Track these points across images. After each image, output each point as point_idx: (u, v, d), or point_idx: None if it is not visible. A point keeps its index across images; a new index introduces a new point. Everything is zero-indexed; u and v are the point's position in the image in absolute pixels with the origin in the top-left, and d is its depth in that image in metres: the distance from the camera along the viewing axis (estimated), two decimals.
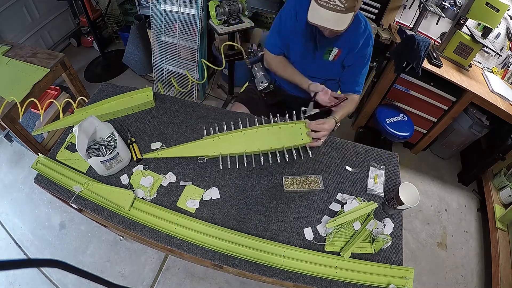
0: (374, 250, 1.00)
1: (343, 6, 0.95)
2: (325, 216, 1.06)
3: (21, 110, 1.41)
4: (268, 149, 1.16)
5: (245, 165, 1.14)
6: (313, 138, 1.17)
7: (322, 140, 1.18)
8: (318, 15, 0.99)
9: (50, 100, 1.38)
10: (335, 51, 1.23)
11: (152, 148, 1.16)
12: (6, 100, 1.49)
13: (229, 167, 1.14)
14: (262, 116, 1.30)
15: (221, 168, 1.13)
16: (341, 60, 1.27)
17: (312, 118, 1.21)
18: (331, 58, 1.25)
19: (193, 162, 1.15)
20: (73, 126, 1.05)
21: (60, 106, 1.31)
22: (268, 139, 1.17)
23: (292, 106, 1.28)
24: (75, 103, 1.30)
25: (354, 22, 1.12)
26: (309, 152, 1.18)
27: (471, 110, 2.08)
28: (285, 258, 0.94)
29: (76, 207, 1.13)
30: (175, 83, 1.82)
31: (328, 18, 0.99)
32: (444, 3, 1.96)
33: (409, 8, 2.11)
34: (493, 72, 2.15)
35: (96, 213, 1.00)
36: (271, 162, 1.15)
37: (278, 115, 1.23)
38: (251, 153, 1.16)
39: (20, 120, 1.54)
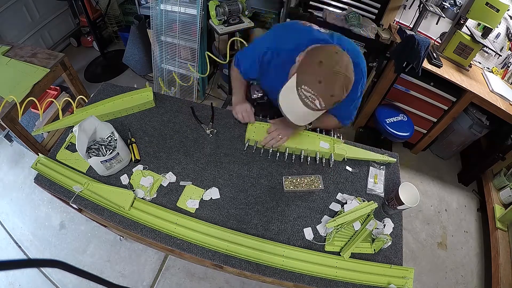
0: (374, 250, 1.00)
1: (320, 108, 0.87)
2: (325, 216, 1.06)
3: (21, 110, 1.41)
4: (294, 148, 1.17)
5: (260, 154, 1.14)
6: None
7: (280, 137, 1.15)
8: (289, 102, 0.91)
9: (50, 100, 1.38)
10: None
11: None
12: (6, 100, 1.49)
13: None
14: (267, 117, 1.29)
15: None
16: None
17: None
18: None
19: (193, 162, 1.15)
20: (73, 126, 1.06)
21: (60, 106, 1.31)
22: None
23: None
24: (74, 103, 1.30)
25: None
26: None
27: (471, 110, 2.08)
28: (285, 258, 0.94)
29: (76, 207, 1.13)
30: (176, 77, 1.81)
31: (300, 113, 0.91)
32: (444, 3, 1.96)
33: (409, 8, 2.11)
34: (493, 72, 2.15)
35: (96, 213, 1.00)
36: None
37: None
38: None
39: (20, 120, 1.54)
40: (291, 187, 1.10)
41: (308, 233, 1.02)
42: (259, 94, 1.29)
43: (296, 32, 1.05)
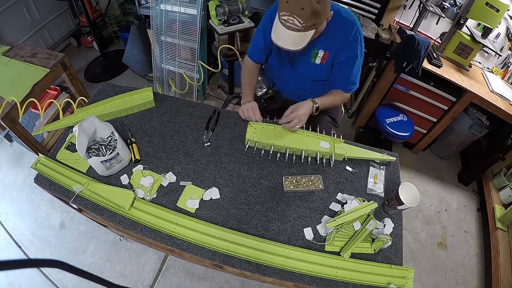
0: (374, 250, 1.00)
1: (301, 26, 0.95)
2: (325, 216, 1.06)
3: (21, 110, 1.41)
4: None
5: (269, 157, 1.14)
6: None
7: (298, 126, 1.17)
8: (279, 34, 1.01)
9: (50, 100, 1.38)
10: (321, 53, 1.19)
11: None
12: (6, 100, 1.48)
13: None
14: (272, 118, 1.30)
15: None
16: (330, 62, 1.22)
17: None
18: (318, 61, 1.22)
19: (193, 162, 1.15)
20: (73, 126, 1.06)
21: (60, 106, 1.31)
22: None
23: None
24: (75, 103, 1.30)
25: (339, 22, 1.10)
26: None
27: (471, 110, 2.07)
28: (285, 258, 0.94)
29: (76, 207, 1.13)
30: (173, 85, 1.81)
31: (287, 38, 1.00)
32: (444, 3, 1.96)
33: (409, 8, 2.11)
34: (493, 72, 2.15)
35: (96, 213, 1.00)
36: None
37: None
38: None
39: (20, 120, 1.54)
40: (291, 187, 1.10)
41: (308, 233, 1.02)
42: (263, 90, 1.31)
43: None
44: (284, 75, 1.35)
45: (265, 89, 1.33)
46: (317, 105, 1.22)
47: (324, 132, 1.24)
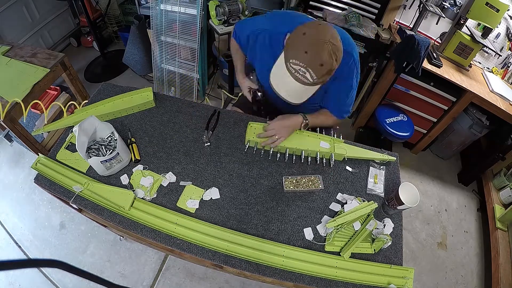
0: (374, 250, 1.00)
1: (311, 81, 0.86)
2: (325, 216, 1.06)
3: (26, 111, 1.41)
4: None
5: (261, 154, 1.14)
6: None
7: (277, 143, 1.13)
8: (281, 79, 0.91)
9: (54, 102, 1.39)
10: None
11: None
12: (10, 103, 1.48)
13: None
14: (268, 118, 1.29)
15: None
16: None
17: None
18: None
19: (193, 162, 1.15)
20: (73, 126, 1.06)
21: (65, 107, 1.32)
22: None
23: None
24: (80, 106, 1.30)
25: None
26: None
27: (471, 110, 2.08)
28: (285, 258, 0.94)
29: (76, 207, 1.13)
30: (174, 89, 1.81)
31: (291, 89, 0.90)
32: (444, 3, 1.96)
33: (409, 8, 2.11)
34: (493, 72, 2.15)
35: (96, 213, 1.00)
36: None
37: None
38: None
39: (24, 120, 1.54)
40: (291, 187, 1.10)
41: (308, 233, 1.02)
42: (262, 97, 1.30)
43: (292, 17, 1.09)
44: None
45: (261, 95, 1.30)
46: (307, 121, 1.18)
47: (324, 132, 1.24)
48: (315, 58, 0.83)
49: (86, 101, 1.45)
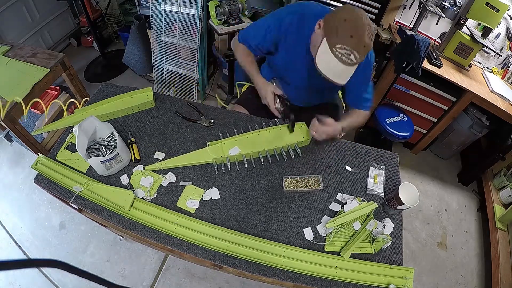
0: (374, 250, 1.00)
1: (355, 61, 0.94)
2: (325, 216, 1.06)
3: (26, 110, 1.41)
4: (273, 148, 1.17)
5: (245, 165, 1.14)
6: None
7: (324, 135, 1.14)
8: (328, 64, 0.97)
9: (54, 101, 1.39)
10: None
11: (155, 157, 1.15)
12: (9, 102, 1.48)
13: (229, 170, 1.13)
14: (271, 121, 1.29)
15: (229, 170, 1.13)
16: None
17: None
18: None
19: None
20: (73, 126, 1.06)
21: (65, 106, 1.32)
22: (271, 140, 1.18)
23: (300, 118, 1.24)
24: (80, 105, 1.31)
25: None
26: (298, 150, 1.17)
27: (471, 110, 2.07)
28: (285, 258, 0.94)
29: (76, 207, 1.13)
30: (174, 89, 1.81)
31: (336, 70, 0.97)
32: (444, 3, 1.96)
33: (409, 8, 2.11)
34: (493, 72, 2.15)
35: (96, 213, 1.00)
36: (271, 162, 1.16)
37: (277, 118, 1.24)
38: (257, 153, 1.17)
39: (25, 119, 1.54)
40: (291, 187, 1.10)
41: (308, 233, 1.02)
42: (288, 101, 1.25)
43: (318, 4, 1.16)
44: (290, 84, 1.31)
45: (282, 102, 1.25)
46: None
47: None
48: (360, 41, 0.92)
49: (86, 98, 1.46)
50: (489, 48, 1.94)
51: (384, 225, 1.05)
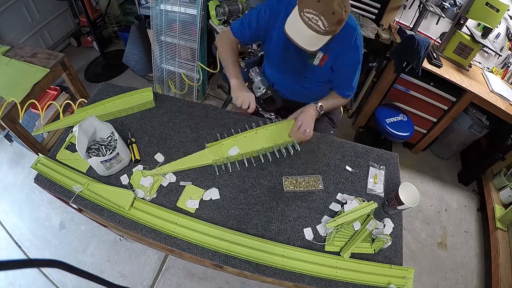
0: (374, 250, 1.00)
1: (324, 29, 0.93)
2: (325, 216, 1.06)
3: (22, 111, 1.41)
4: (272, 146, 1.17)
5: (245, 165, 1.14)
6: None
7: (308, 130, 1.16)
8: (296, 30, 0.98)
9: (51, 102, 1.39)
10: (319, 55, 1.18)
11: (155, 158, 1.15)
12: (7, 101, 1.48)
13: (230, 170, 1.13)
14: (270, 117, 1.30)
15: (230, 170, 1.13)
16: (329, 66, 1.22)
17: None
18: (316, 62, 1.20)
19: None
20: (73, 126, 1.06)
21: (61, 107, 1.31)
22: (268, 138, 1.19)
23: (292, 111, 1.27)
24: (75, 104, 1.30)
25: (342, 31, 1.06)
26: (297, 146, 1.18)
27: (471, 110, 2.07)
28: (285, 258, 0.94)
29: (76, 207, 1.13)
30: (173, 87, 1.81)
31: (304, 36, 0.97)
32: (444, 3, 1.96)
33: (409, 8, 2.11)
34: (493, 72, 2.15)
35: (96, 213, 1.00)
36: (270, 159, 1.15)
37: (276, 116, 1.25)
38: (256, 152, 1.17)
39: (21, 120, 1.54)
40: (291, 187, 1.10)
41: (308, 233, 1.02)
42: (262, 91, 1.28)
43: None
44: (285, 73, 1.33)
45: (264, 90, 1.29)
46: (320, 104, 1.23)
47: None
48: (328, 7, 0.91)
49: (83, 99, 1.45)
50: (489, 48, 1.94)
51: (384, 225, 1.05)
